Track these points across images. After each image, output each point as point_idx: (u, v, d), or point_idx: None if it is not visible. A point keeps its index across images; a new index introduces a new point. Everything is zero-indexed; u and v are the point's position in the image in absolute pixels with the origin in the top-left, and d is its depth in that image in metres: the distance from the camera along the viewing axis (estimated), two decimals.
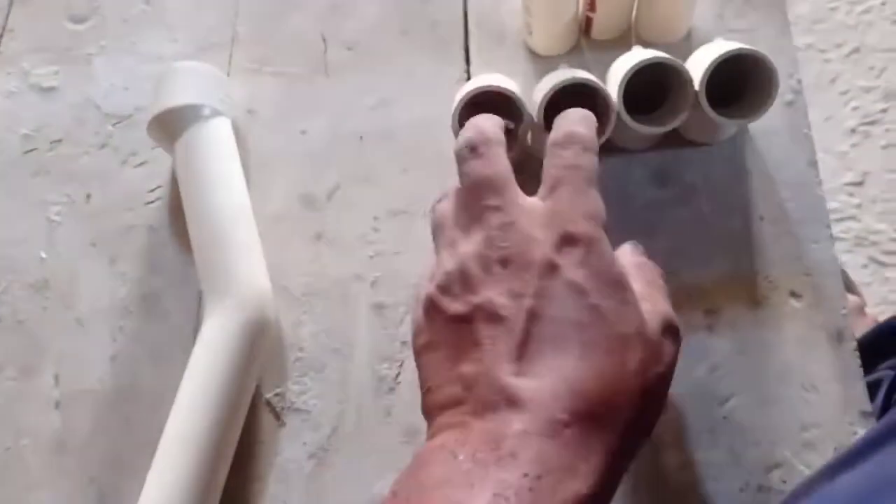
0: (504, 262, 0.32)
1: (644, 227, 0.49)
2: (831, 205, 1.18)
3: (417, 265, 0.51)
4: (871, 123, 1.25)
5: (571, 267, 0.31)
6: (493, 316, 0.31)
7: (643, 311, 0.32)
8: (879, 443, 0.35)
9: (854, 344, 0.45)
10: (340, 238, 0.52)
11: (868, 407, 0.44)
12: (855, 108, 1.26)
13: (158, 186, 0.57)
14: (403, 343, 0.49)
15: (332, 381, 0.49)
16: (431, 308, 0.33)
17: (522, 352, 0.30)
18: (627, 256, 0.38)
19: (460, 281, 0.32)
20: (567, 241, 0.32)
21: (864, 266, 1.17)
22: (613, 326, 0.30)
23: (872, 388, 0.60)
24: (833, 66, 1.31)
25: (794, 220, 0.48)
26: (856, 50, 1.31)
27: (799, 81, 0.52)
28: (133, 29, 0.62)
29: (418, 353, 0.34)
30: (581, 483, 0.27)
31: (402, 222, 0.53)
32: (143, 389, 0.51)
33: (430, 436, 0.31)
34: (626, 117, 0.45)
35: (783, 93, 0.51)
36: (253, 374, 0.48)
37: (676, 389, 0.46)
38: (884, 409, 0.58)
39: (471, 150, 0.36)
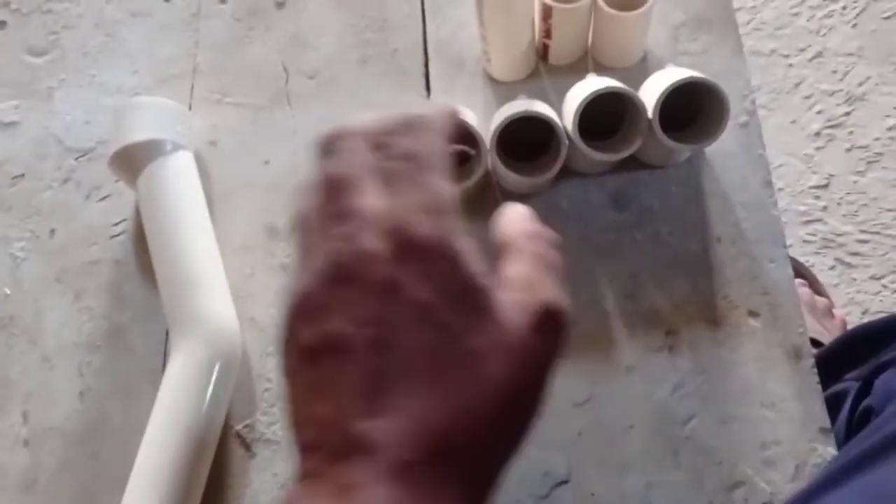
0: (347, 282, 0.28)
1: (603, 250, 0.50)
2: (798, 208, 1.19)
3: None
4: (835, 126, 1.26)
5: (413, 282, 0.28)
6: (340, 349, 0.28)
7: (512, 308, 0.29)
8: (867, 461, 0.35)
9: (812, 361, 0.46)
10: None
11: (827, 423, 0.45)
12: (819, 112, 1.28)
13: (123, 220, 0.57)
14: None
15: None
16: (287, 336, 0.30)
17: (372, 388, 0.27)
18: (517, 224, 0.34)
19: (313, 304, 0.29)
20: (407, 250, 0.28)
21: (832, 268, 1.18)
22: (465, 342, 0.28)
23: (838, 399, 0.61)
24: (796, 70, 1.32)
25: (751, 241, 0.49)
26: (819, 54, 1.33)
27: (753, 102, 0.53)
28: (93, 62, 0.62)
29: (284, 382, 0.31)
30: None
31: None
32: (112, 425, 0.51)
33: (297, 478, 0.29)
34: (581, 146, 0.46)
35: (738, 115, 0.52)
36: (221, 408, 0.48)
37: (639, 410, 0.47)
38: (849, 421, 0.59)
39: (322, 147, 0.33)
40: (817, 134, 1.26)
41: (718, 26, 0.55)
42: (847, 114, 1.28)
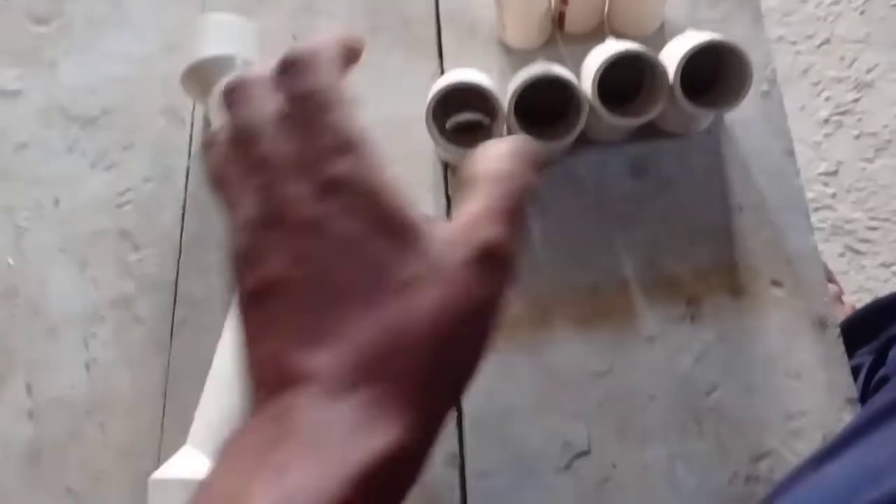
0: (275, 226, 0.29)
1: (622, 219, 0.49)
2: (807, 195, 1.18)
3: None
4: (844, 113, 1.26)
5: (337, 218, 0.28)
6: (277, 290, 0.29)
7: (449, 242, 0.29)
8: (862, 433, 0.35)
9: (837, 331, 0.45)
10: None
11: (854, 393, 0.44)
12: (827, 99, 1.27)
13: (128, 189, 0.55)
14: None
15: None
16: (235, 286, 0.31)
17: (308, 323, 0.28)
18: (489, 163, 0.33)
19: (249, 251, 0.30)
20: (326, 188, 0.29)
21: (841, 255, 1.17)
22: (394, 272, 0.28)
23: (853, 375, 0.60)
24: (804, 57, 1.32)
25: (773, 209, 0.48)
26: (826, 41, 1.32)
27: (773, 71, 0.52)
28: (98, 29, 0.61)
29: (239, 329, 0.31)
30: (379, 440, 0.26)
31: None
32: (118, 395, 0.50)
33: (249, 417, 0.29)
34: (601, 110, 0.45)
35: (758, 83, 0.51)
36: None
37: (660, 381, 0.46)
38: (863, 393, 0.58)
39: (226, 99, 0.32)
40: (826, 121, 1.26)
41: None
42: (855, 101, 1.27)
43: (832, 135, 1.24)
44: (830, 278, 1.12)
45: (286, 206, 0.29)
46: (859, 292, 1.15)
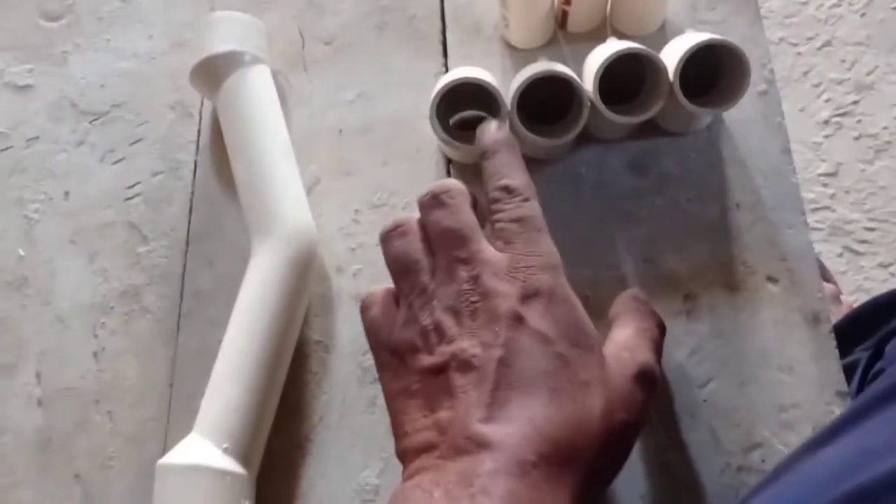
0: (474, 315, 0.33)
1: (621, 216, 0.50)
2: (806, 195, 1.19)
3: None
4: (844, 115, 1.27)
5: (536, 318, 0.33)
6: (465, 365, 0.32)
7: (616, 358, 0.34)
8: (858, 418, 0.36)
9: (829, 326, 0.46)
10: (322, 231, 0.53)
11: (844, 387, 0.45)
12: (827, 101, 1.28)
13: (137, 182, 0.56)
14: None
15: (316, 373, 0.49)
16: (407, 358, 0.35)
17: (493, 399, 0.31)
18: (627, 302, 0.41)
19: (436, 333, 0.34)
20: (530, 294, 0.33)
21: (840, 255, 1.18)
22: (577, 373, 0.32)
23: (848, 371, 0.61)
24: (805, 59, 1.32)
25: (770, 207, 0.49)
26: (827, 43, 1.33)
27: (771, 71, 0.53)
28: (107, 26, 0.62)
29: (391, 397, 0.36)
30: None
31: (383, 214, 0.53)
32: (126, 385, 0.51)
33: (406, 478, 0.32)
34: (602, 108, 0.46)
35: (756, 82, 0.52)
36: (301, 299, 0.49)
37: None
38: (860, 391, 0.59)
39: (433, 198, 0.38)
40: (826, 122, 1.26)
41: None
42: (855, 102, 1.28)
43: (832, 136, 1.25)
44: (829, 278, 1.13)
45: (490, 299, 0.34)
46: (857, 292, 1.16)
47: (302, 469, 0.47)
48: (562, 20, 0.55)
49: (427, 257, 0.37)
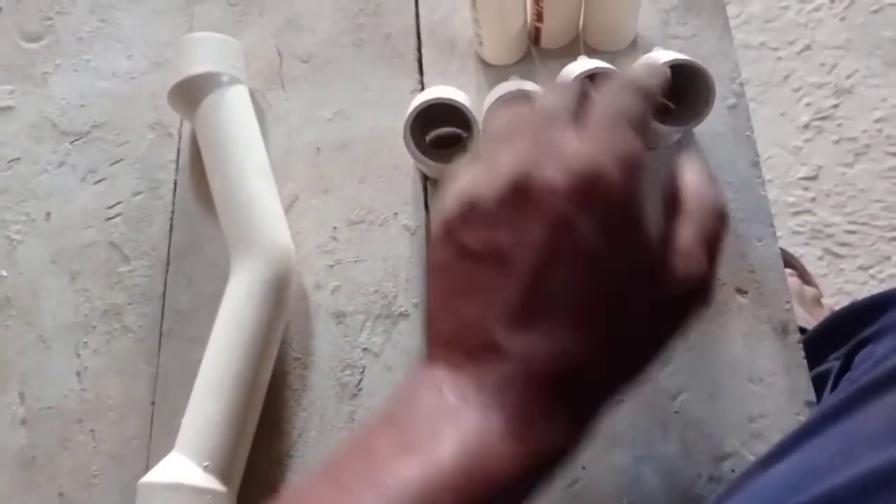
0: (522, 205, 0.29)
1: None
2: (787, 199, 1.20)
3: (377, 273, 0.52)
4: (824, 119, 1.28)
5: (589, 228, 0.28)
6: (501, 262, 0.29)
7: (672, 276, 0.30)
8: (808, 434, 0.37)
9: (798, 336, 0.47)
10: (300, 248, 0.53)
11: (813, 397, 0.46)
12: (808, 105, 1.29)
13: (118, 202, 0.57)
14: (365, 350, 0.50)
15: (295, 390, 0.50)
16: (451, 230, 0.31)
17: (521, 306, 0.29)
18: (692, 188, 0.34)
19: (482, 212, 0.30)
20: (591, 194, 0.28)
21: (820, 258, 1.19)
22: (618, 303, 0.29)
23: (822, 380, 0.62)
24: (785, 63, 1.33)
25: (739, 220, 0.50)
26: (807, 47, 1.34)
27: (741, 85, 0.54)
28: (87, 46, 0.62)
29: (432, 269, 0.32)
30: (559, 434, 0.29)
31: (361, 231, 0.53)
32: (108, 404, 0.52)
33: (428, 362, 0.31)
34: None
35: (726, 96, 0.53)
36: (280, 318, 0.49)
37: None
38: None
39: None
40: (806, 126, 1.27)
41: (707, 10, 0.56)
42: (835, 106, 1.29)
43: (812, 140, 1.26)
44: (810, 281, 1.14)
45: (542, 192, 0.29)
46: (838, 295, 1.17)
47: (282, 485, 0.48)
48: (535, 37, 0.56)
49: (507, 129, 0.33)
